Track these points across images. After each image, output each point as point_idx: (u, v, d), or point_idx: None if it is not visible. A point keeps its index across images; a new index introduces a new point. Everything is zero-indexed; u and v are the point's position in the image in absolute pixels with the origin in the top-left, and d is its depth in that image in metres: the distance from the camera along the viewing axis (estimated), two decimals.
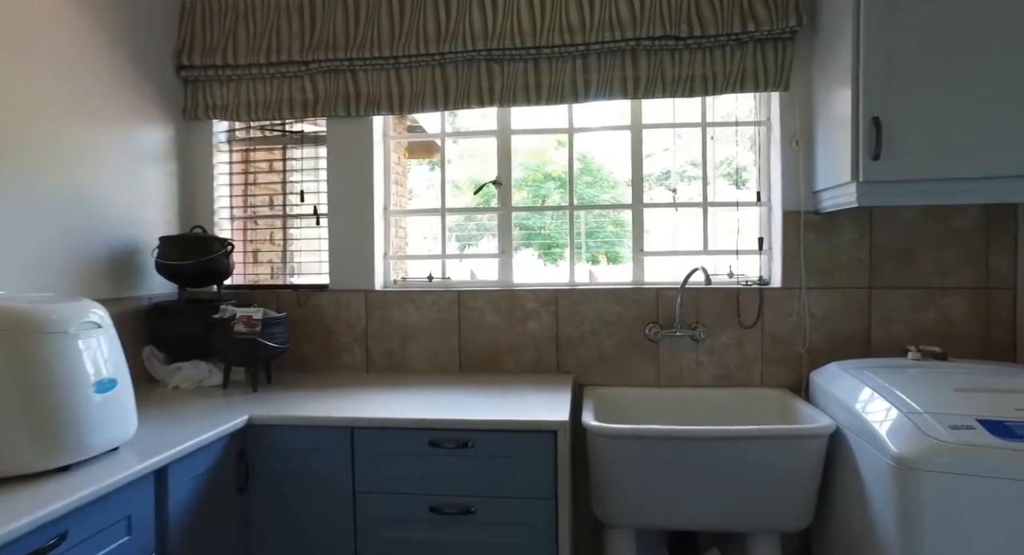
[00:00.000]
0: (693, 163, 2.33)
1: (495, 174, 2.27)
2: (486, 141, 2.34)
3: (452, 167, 2.44)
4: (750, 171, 2.22)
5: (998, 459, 1.26)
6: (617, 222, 2.19)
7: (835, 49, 1.82)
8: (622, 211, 2.21)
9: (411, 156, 2.87)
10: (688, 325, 2.09)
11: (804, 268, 2.03)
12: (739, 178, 2.23)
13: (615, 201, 2.18)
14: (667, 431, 1.63)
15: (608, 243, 2.23)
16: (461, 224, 2.36)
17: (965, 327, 1.98)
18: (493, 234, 2.38)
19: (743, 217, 2.21)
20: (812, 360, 2.03)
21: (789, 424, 1.82)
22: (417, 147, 2.90)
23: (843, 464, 1.61)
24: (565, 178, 2.31)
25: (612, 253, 2.21)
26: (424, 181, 2.81)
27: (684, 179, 2.19)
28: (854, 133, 1.70)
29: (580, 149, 2.23)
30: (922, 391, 1.50)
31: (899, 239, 2.00)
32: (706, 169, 2.21)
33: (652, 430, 1.64)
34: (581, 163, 2.26)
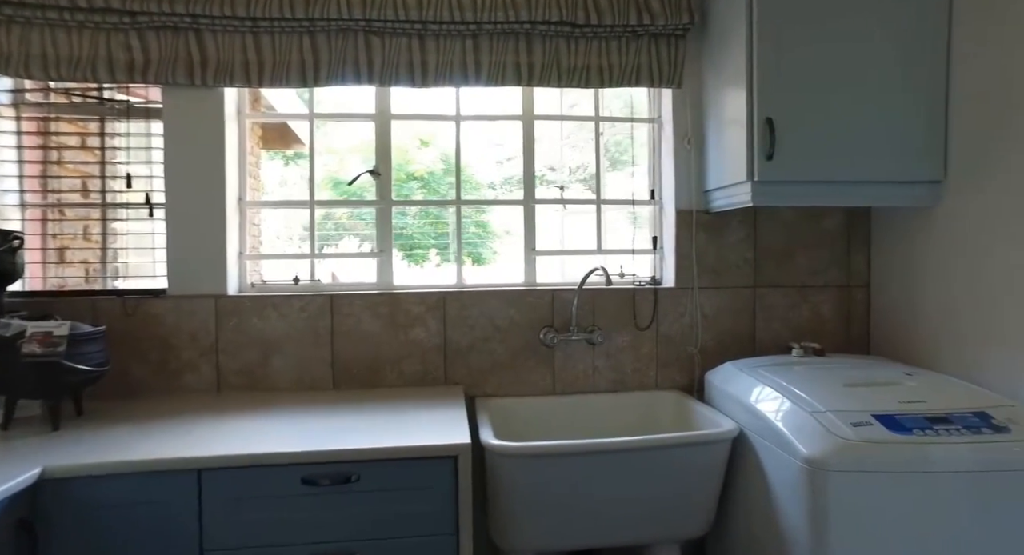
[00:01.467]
0: (551, 167, 2.25)
1: (357, 170, 2.01)
2: (347, 135, 2.06)
3: (308, 162, 2.13)
4: (597, 173, 2.18)
5: (895, 454, 1.28)
6: (480, 223, 2.04)
7: (727, 50, 1.81)
8: (486, 212, 2.04)
9: (265, 146, 2.49)
10: (584, 328, 1.99)
11: (696, 268, 2.02)
12: (596, 183, 2.19)
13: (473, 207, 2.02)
14: (577, 446, 1.49)
15: (471, 244, 2.07)
16: (318, 222, 2.06)
17: (832, 323, 2.09)
18: (354, 233, 2.12)
19: (633, 216, 2.17)
20: (704, 360, 2.03)
21: (690, 427, 1.78)
22: (273, 136, 2.52)
23: (746, 466, 1.58)
24: (428, 178, 2.13)
25: (475, 254, 2.05)
26: (277, 177, 2.44)
27: (545, 182, 2.08)
28: (748, 133, 1.70)
29: (443, 149, 2.05)
30: (818, 388, 1.52)
31: (779, 239, 2.07)
32: (599, 165, 2.13)
33: (562, 446, 1.49)
34: (444, 163, 2.08)
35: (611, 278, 1.83)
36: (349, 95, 2.05)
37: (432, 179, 2.27)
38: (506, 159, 2.13)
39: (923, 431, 1.31)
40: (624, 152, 2.12)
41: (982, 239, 1.64)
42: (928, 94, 1.73)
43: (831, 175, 1.71)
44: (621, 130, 2.22)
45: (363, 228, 2.17)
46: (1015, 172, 1.54)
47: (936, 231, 1.80)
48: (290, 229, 2.32)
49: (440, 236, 2.12)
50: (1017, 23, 1.51)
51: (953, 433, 1.30)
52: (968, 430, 1.31)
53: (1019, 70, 1.51)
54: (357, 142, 2.10)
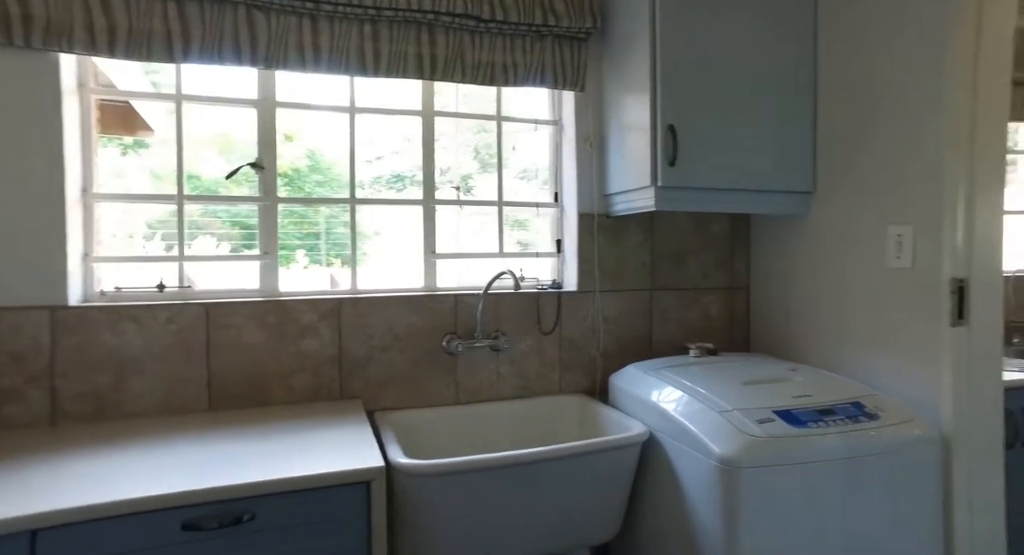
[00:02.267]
0: (412, 167, 2.18)
1: (211, 163, 1.78)
2: (201, 123, 1.81)
3: (156, 152, 1.84)
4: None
5: (796, 447, 1.36)
6: (349, 224, 1.91)
7: (630, 56, 1.84)
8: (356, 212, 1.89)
9: (104, 130, 2.09)
10: (489, 334, 1.92)
11: (598, 271, 2.04)
12: (464, 185, 2.15)
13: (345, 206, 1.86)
14: (499, 459, 1.42)
15: (340, 246, 1.93)
16: (166, 220, 1.78)
17: (719, 323, 2.22)
18: (209, 233, 1.87)
19: (535, 219, 2.15)
20: (605, 363, 2.05)
21: (598, 431, 1.79)
22: (113, 119, 2.13)
23: (655, 468, 1.61)
24: (293, 175, 1.96)
25: (345, 256, 1.93)
26: (113, 168, 2.05)
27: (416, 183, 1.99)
28: (652, 139, 1.74)
29: (308, 146, 1.89)
30: (720, 387, 1.58)
31: (673, 244, 2.15)
32: (501, 166, 2.08)
33: (483, 461, 1.41)
34: (310, 160, 1.92)
35: (519, 282, 1.78)
36: (213, 77, 1.79)
37: (297, 177, 2.07)
38: (375, 158, 1.98)
39: (816, 423, 1.41)
40: (495, 154, 2.08)
41: (840, 247, 1.83)
42: (800, 114, 1.89)
43: (725, 183, 1.81)
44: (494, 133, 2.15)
45: (220, 227, 1.91)
46: (861, 190, 1.73)
47: (805, 238, 1.97)
48: (130, 227, 1.96)
49: (307, 237, 1.93)
50: (867, 58, 1.69)
51: (839, 423, 1.42)
52: (850, 419, 1.44)
53: (867, 102, 1.69)
54: (215, 133, 1.84)
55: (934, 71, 1.54)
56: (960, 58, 1.50)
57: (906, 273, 1.63)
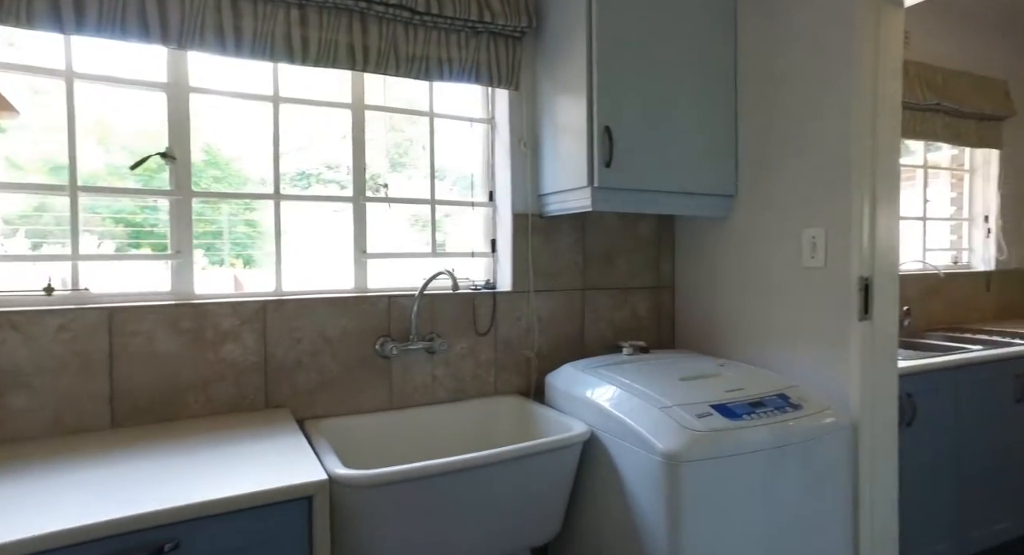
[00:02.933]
0: (328, 165, 2.11)
1: (96, 154, 1.62)
2: (80, 109, 1.60)
3: (14, 138, 1.60)
4: None
5: (734, 439, 1.42)
6: (250, 222, 1.80)
7: (566, 57, 1.86)
8: (256, 210, 1.77)
9: None
10: (424, 336, 1.87)
11: (532, 271, 2.04)
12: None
13: (250, 201, 1.73)
14: (441, 466, 1.37)
15: (240, 245, 1.81)
16: (28, 215, 1.58)
17: (647, 321, 2.30)
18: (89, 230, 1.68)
19: (467, 219, 2.11)
20: (539, 363, 2.05)
21: (538, 431, 1.79)
22: None
23: (596, 466, 1.63)
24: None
25: (247, 256, 1.81)
26: None
27: (322, 181, 1.90)
28: (589, 139, 1.76)
29: (205, 140, 1.75)
30: (658, 384, 1.63)
31: (603, 244, 2.20)
32: (433, 163, 2.02)
33: (424, 468, 1.35)
34: (207, 155, 1.79)
35: (458, 283, 1.74)
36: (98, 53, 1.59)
37: (193, 172, 1.92)
38: (282, 154, 1.84)
39: (749, 416, 1.48)
40: (405, 154, 2.03)
41: (759, 247, 1.94)
42: (724, 120, 1.99)
43: (657, 184, 1.86)
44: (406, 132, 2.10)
45: (99, 224, 1.70)
46: (779, 195, 1.85)
47: (727, 239, 2.08)
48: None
49: (202, 236, 1.76)
50: (781, 76, 1.81)
51: (769, 415, 1.50)
52: (778, 410, 1.53)
53: (783, 117, 1.81)
54: (94, 120, 1.63)
55: (844, 95, 1.67)
56: (863, 85, 1.64)
57: (819, 272, 1.76)
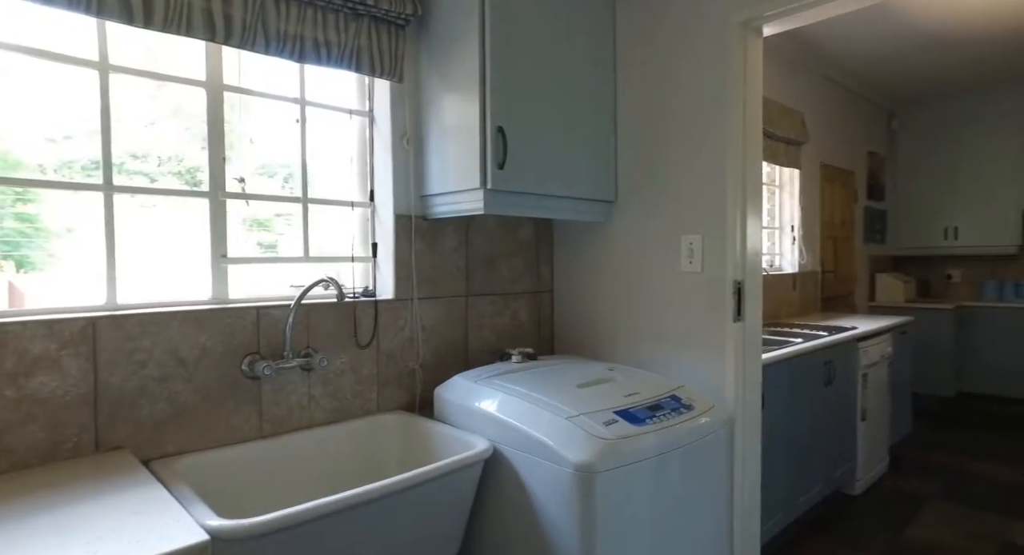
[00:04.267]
0: (134, 155, 1.86)
1: None
2: None
3: None
4: None
5: (640, 444, 1.43)
6: (23, 216, 1.47)
7: (456, 52, 1.76)
8: (32, 201, 1.42)
9: None
10: (299, 352, 1.65)
11: (415, 277, 1.91)
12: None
13: (23, 191, 1.36)
14: (338, 502, 1.19)
15: (11, 244, 1.47)
16: None
17: (528, 326, 2.28)
18: None
19: (339, 220, 1.92)
20: (424, 375, 1.93)
21: (432, 449, 1.66)
22: None
23: (498, 483, 1.55)
24: None
25: (20, 258, 1.47)
26: None
27: (125, 171, 1.61)
28: (482, 140, 1.69)
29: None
30: (558, 393, 1.60)
31: (486, 248, 2.13)
32: (305, 158, 1.80)
33: (317, 508, 1.16)
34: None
35: (343, 291, 1.56)
36: None
37: None
38: (63, 137, 1.51)
39: (650, 420, 1.51)
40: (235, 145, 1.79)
41: (639, 252, 2.02)
42: (605, 128, 2.04)
43: (547, 188, 1.85)
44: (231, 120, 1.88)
45: None
46: (658, 202, 1.94)
47: (607, 244, 2.13)
48: None
49: None
50: (663, 96, 1.91)
51: (667, 417, 1.54)
52: (674, 412, 1.58)
53: (663, 132, 1.90)
54: None
55: (719, 112, 1.79)
56: (736, 103, 1.77)
57: (697, 276, 1.87)
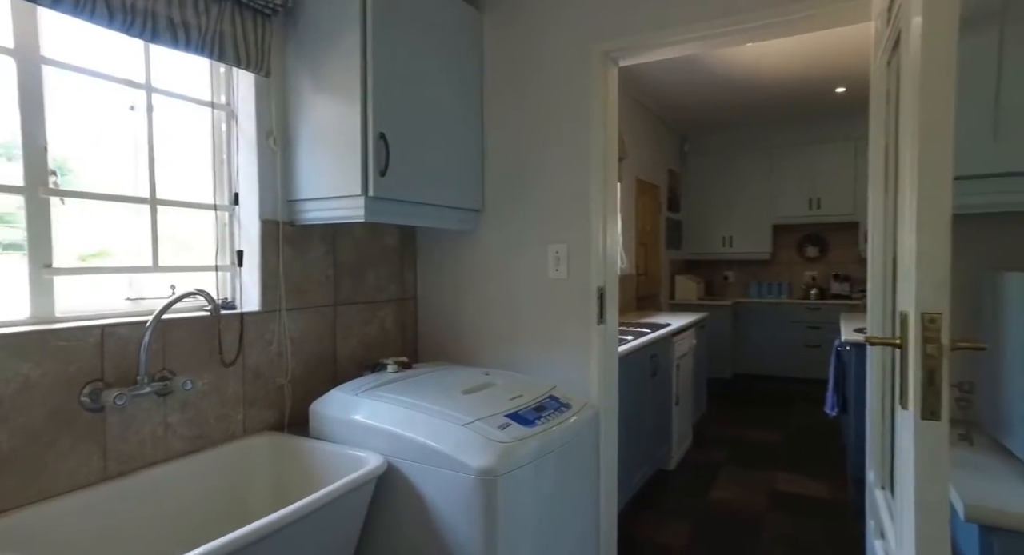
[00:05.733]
0: None
1: None
2: None
3: None
4: None
5: (534, 445, 1.51)
6: None
7: (333, 50, 1.67)
8: None
9: None
10: (153, 376, 1.43)
11: (284, 287, 1.77)
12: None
13: None
14: (221, 548, 1.07)
15: None
16: None
17: (394, 335, 2.24)
18: None
19: (191, 225, 1.71)
20: (294, 391, 1.80)
21: (310, 468, 1.56)
22: None
23: (391, 497, 1.51)
24: None
25: None
26: None
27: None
28: (363, 145, 1.64)
29: None
30: (446, 401, 1.61)
31: (353, 255, 2.05)
32: (153, 152, 1.56)
33: None
34: None
35: (218, 305, 1.39)
36: None
37: None
38: None
39: (538, 421, 1.60)
40: None
41: (507, 260, 2.12)
42: (474, 137, 2.10)
43: (424, 196, 1.84)
44: None
45: None
46: (526, 212, 2.06)
47: (474, 252, 2.19)
48: None
49: None
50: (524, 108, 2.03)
51: (552, 417, 1.65)
52: (557, 412, 1.69)
53: (532, 153, 2.03)
54: None
55: (583, 131, 1.95)
56: (597, 122, 1.95)
57: (564, 283, 2.02)
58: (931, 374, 0.84)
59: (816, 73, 4.20)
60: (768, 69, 4.12)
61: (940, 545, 0.85)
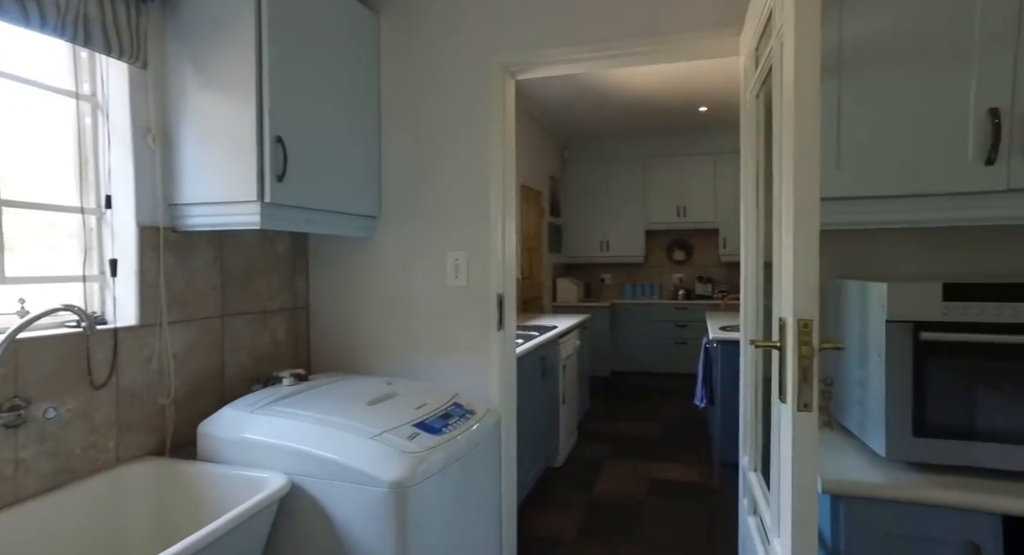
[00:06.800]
0: None
1: None
2: None
3: None
4: None
5: (444, 453, 1.52)
6: None
7: (225, 45, 1.57)
8: None
9: None
10: (4, 405, 1.25)
11: (165, 298, 1.62)
12: None
13: None
14: None
15: None
16: None
17: (286, 345, 2.13)
18: None
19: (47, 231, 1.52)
20: (177, 411, 1.66)
21: (205, 493, 1.45)
22: None
23: (294, 518, 1.45)
24: None
25: None
26: None
27: None
28: (259, 149, 1.55)
29: None
30: (351, 412, 1.57)
31: (243, 263, 1.92)
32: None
33: None
34: None
35: (93, 321, 1.25)
36: None
37: None
38: None
39: (446, 429, 1.61)
40: None
41: (406, 267, 2.11)
42: (372, 146, 2.06)
43: (322, 203, 1.78)
44: None
45: None
46: (425, 220, 2.07)
47: (371, 258, 2.15)
48: None
49: None
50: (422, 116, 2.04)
51: (459, 424, 1.66)
52: (462, 419, 1.71)
53: (429, 160, 2.04)
54: None
55: (481, 142, 1.99)
56: (497, 144, 2.00)
57: (463, 290, 2.04)
58: (805, 372, 0.98)
59: (682, 93, 4.60)
60: (640, 87, 4.44)
61: (811, 517, 0.99)
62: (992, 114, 1.30)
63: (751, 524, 1.56)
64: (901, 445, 1.24)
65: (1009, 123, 1.30)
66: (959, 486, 1.17)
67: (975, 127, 1.32)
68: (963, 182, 1.33)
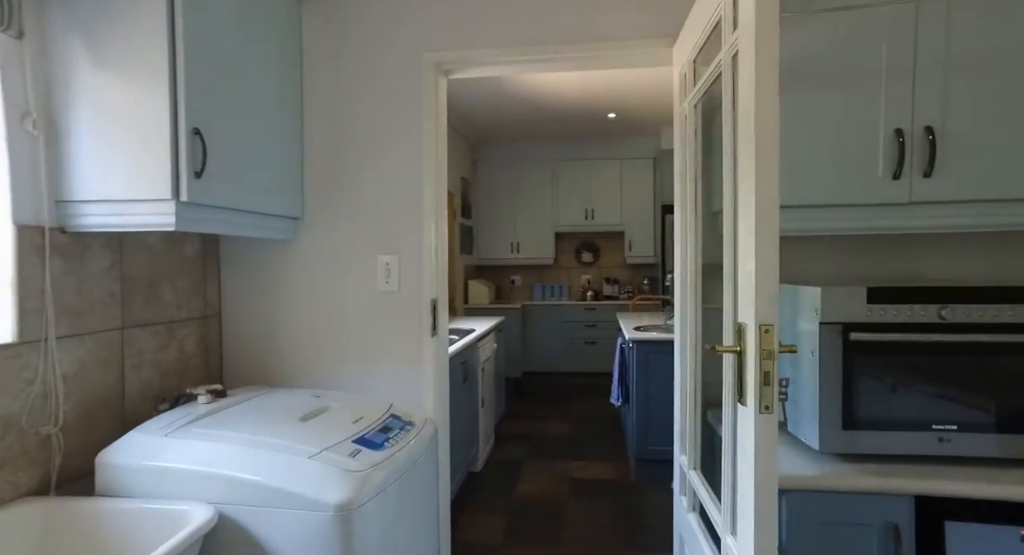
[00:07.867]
0: None
1: None
2: None
3: None
4: None
5: (388, 469, 1.42)
6: None
7: (124, 22, 1.37)
8: None
9: None
10: None
11: (51, 310, 1.40)
12: None
13: None
14: None
15: None
16: None
17: (196, 359, 1.92)
18: None
19: None
20: (67, 441, 1.43)
21: (114, 535, 1.27)
22: None
23: (221, 552, 1.30)
24: None
25: None
26: None
27: None
28: (173, 142, 1.38)
29: None
30: (285, 431, 1.44)
31: (146, 267, 1.71)
32: None
33: None
34: None
35: None
36: None
37: None
38: None
39: (387, 443, 1.52)
40: None
41: (332, 271, 1.98)
42: (294, 142, 1.92)
43: (243, 203, 1.63)
44: None
45: None
46: (353, 222, 1.96)
47: (293, 262, 2.00)
48: None
49: None
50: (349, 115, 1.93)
51: (399, 437, 1.58)
52: (402, 431, 1.62)
53: (355, 159, 1.93)
54: None
55: (415, 143, 1.91)
56: (429, 144, 1.93)
57: (395, 295, 1.95)
58: (766, 375, 1.02)
59: (591, 99, 4.73)
60: (553, 92, 4.51)
61: (772, 514, 1.03)
62: (897, 134, 1.44)
63: (692, 521, 1.61)
64: (832, 438, 1.33)
65: (911, 142, 1.44)
66: (880, 473, 1.27)
67: (884, 145, 1.45)
68: (876, 194, 1.45)
